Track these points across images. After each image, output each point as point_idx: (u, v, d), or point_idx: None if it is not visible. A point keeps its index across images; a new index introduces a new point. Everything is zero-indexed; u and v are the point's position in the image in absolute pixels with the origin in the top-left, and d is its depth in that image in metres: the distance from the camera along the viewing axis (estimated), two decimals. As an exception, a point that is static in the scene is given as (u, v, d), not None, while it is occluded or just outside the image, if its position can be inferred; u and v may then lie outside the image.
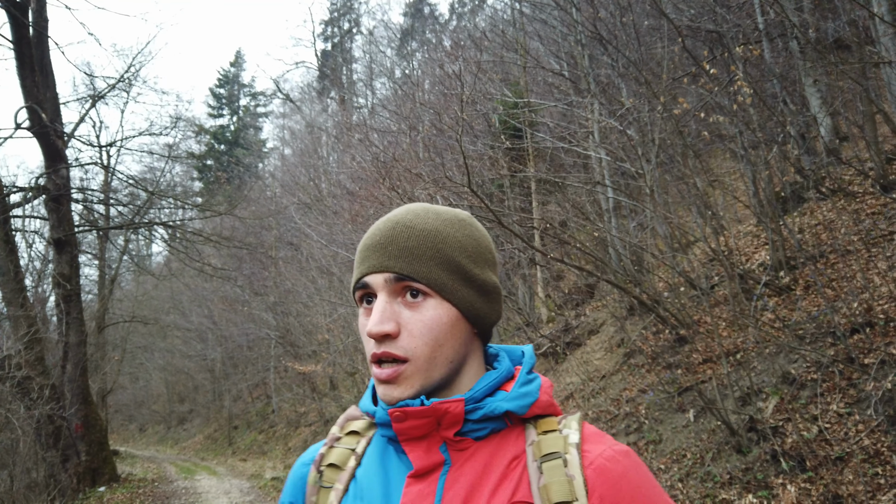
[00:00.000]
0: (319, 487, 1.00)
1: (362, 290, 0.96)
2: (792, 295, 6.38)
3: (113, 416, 31.42)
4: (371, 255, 0.95)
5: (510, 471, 0.90)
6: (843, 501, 3.87)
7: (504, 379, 0.98)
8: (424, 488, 0.89)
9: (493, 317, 1.01)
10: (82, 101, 17.10)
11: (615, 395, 7.29)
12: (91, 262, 23.02)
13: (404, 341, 0.91)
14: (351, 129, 17.42)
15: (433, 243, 0.96)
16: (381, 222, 0.99)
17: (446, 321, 0.94)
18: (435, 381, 0.93)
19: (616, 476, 0.88)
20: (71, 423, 11.84)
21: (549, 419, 0.96)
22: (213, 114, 47.94)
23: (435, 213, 1.00)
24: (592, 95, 8.73)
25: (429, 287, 0.94)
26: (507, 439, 0.94)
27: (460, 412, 0.90)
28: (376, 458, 0.98)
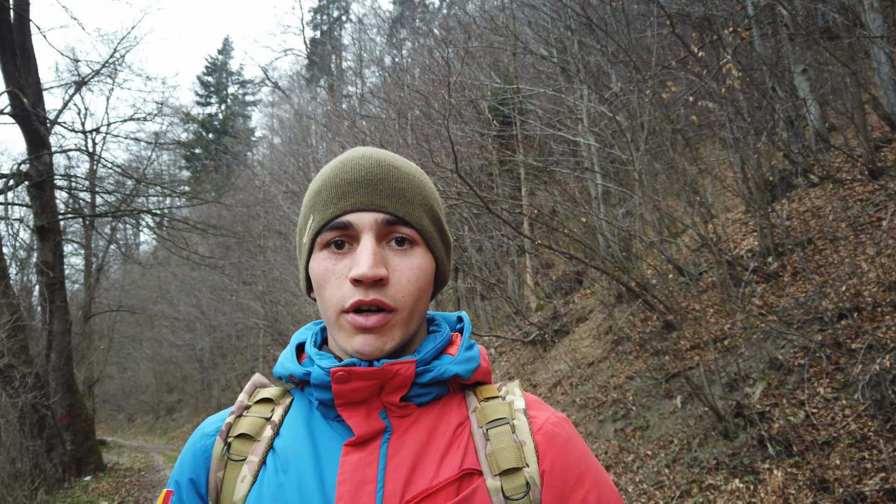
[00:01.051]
0: (228, 461, 0.88)
1: (337, 232, 0.85)
2: (780, 281, 6.36)
3: (101, 406, 31.26)
4: (356, 190, 0.85)
5: (456, 437, 0.85)
6: (830, 486, 3.86)
7: (447, 344, 0.92)
8: (365, 457, 0.82)
9: (448, 277, 0.97)
10: (66, 87, 16.87)
11: (603, 382, 7.27)
12: (77, 251, 22.80)
13: (393, 289, 0.83)
14: (340, 117, 17.28)
15: (419, 189, 0.90)
16: (356, 157, 0.89)
17: (430, 272, 0.89)
18: (410, 334, 0.87)
19: (564, 441, 0.85)
20: (56, 412, 11.72)
21: (488, 386, 0.92)
22: (200, 102, 47.51)
23: (404, 159, 0.94)
24: (582, 81, 8.66)
25: (420, 234, 0.87)
26: (448, 406, 0.88)
27: (410, 375, 0.84)
28: (300, 427, 0.88)
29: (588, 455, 0.86)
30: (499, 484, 0.80)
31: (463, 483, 0.80)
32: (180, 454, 0.95)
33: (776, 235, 6.97)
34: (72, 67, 25.01)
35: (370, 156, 0.88)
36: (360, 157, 0.88)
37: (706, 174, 9.53)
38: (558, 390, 7.94)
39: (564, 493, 0.81)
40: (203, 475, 0.90)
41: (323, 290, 0.85)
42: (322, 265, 0.86)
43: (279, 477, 0.84)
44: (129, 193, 16.84)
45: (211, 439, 0.92)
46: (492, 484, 0.80)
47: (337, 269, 0.85)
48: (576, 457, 0.84)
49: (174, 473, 0.93)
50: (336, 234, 0.85)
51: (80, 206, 17.01)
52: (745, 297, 6.26)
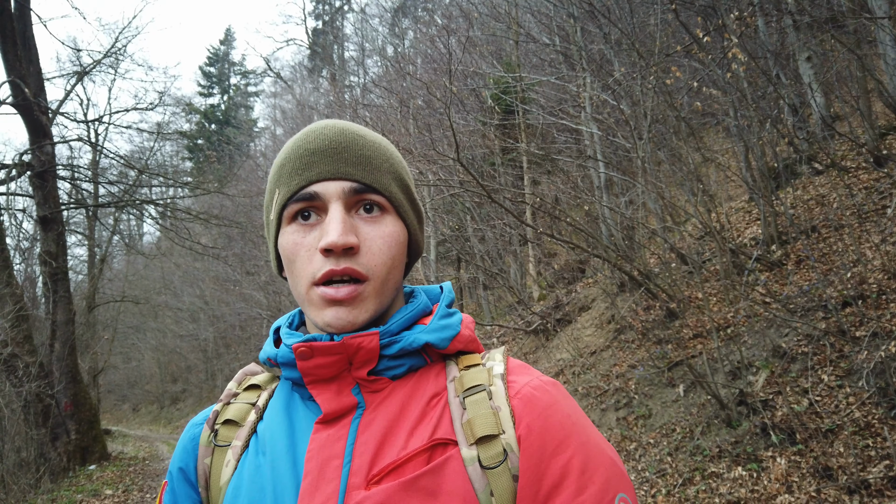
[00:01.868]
0: (214, 447, 0.88)
1: (303, 203, 0.83)
2: (783, 269, 6.33)
3: (105, 396, 31.39)
4: (320, 160, 0.83)
5: (430, 408, 0.81)
6: (834, 473, 3.84)
7: (421, 313, 0.89)
8: (335, 433, 0.80)
9: (421, 248, 0.94)
10: (68, 77, 16.84)
11: (605, 371, 7.26)
12: (81, 242, 22.83)
13: (365, 258, 0.81)
14: (342, 108, 17.22)
15: (385, 156, 0.87)
16: (319, 128, 0.86)
17: (402, 240, 0.86)
18: (384, 306, 0.84)
19: (544, 405, 0.80)
20: (60, 401, 11.75)
21: (472, 355, 0.89)
22: (203, 93, 47.42)
23: (368, 129, 0.91)
24: (585, 69, 8.60)
25: (388, 201, 0.85)
26: (426, 377, 0.85)
27: (374, 347, 0.81)
28: (280, 408, 0.87)
29: (575, 419, 0.80)
30: (475, 453, 0.76)
31: (434, 453, 0.77)
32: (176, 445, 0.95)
33: (780, 224, 6.94)
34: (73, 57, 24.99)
35: (333, 125, 0.86)
36: (322, 127, 0.86)
37: (709, 162, 9.48)
38: (561, 379, 7.93)
39: (543, 458, 0.76)
40: (192, 463, 0.90)
41: (293, 265, 0.83)
42: (290, 239, 0.83)
43: (258, 459, 0.83)
44: (132, 184, 16.81)
45: (199, 428, 0.92)
46: (467, 453, 0.77)
47: (306, 241, 0.82)
48: (557, 420, 0.79)
49: (170, 464, 0.93)
50: (302, 205, 0.83)
51: (83, 196, 17.01)
52: (748, 286, 6.23)
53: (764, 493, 4.01)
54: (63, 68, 27.28)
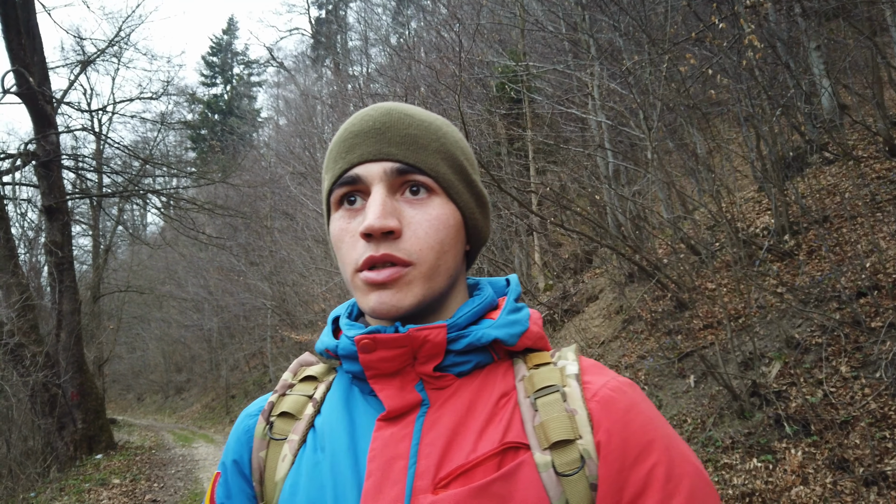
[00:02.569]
0: (269, 440, 0.85)
1: (347, 188, 0.79)
2: (795, 259, 6.28)
3: (110, 385, 31.50)
4: (363, 141, 0.79)
5: (499, 409, 0.77)
6: (850, 465, 3.81)
7: (488, 307, 0.84)
8: (398, 431, 0.75)
9: (485, 234, 0.89)
10: (71, 67, 16.76)
11: (614, 362, 7.23)
12: (85, 232, 22.85)
13: (408, 242, 0.76)
14: (346, 98, 17.15)
15: (436, 135, 0.82)
16: (366, 110, 0.82)
17: (453, 223, 0.81)
18: (436, 292, 0.79)
19: (624, 408, 0.75)
20: (66, 391, 11.78)
21: (541, 353, 0.84)
22: (206, 83, 47.28)
23: (424, 110, 0.86)
24: (594, 58, 8.52)
25: (436, 182, 0.80)
26: (493, 375, 0.80)
27: (441, 341, 0.77)
28: (339, 403, 0.83)
29: (657, 423, 0.76)
30: (549, 459, 0.71)
31: (506, 457, 0.73)
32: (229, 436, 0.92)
33: (791, 213, 6.88)
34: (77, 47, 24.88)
35: (381, 106, 0.82)
36: (370, 109, 0.82)
37: (719, 151, 9.41)
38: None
39: (624, 466, 0.71)
40: (246, 456, 0.87)
41: (340, 252, 0.80)
42: (337, 225, 0.81)
43: (316, 455, 0.80)
44: (136, 174, 16.78)
45: (254, 419, 0.89)
46: (541, 459, 0.72)
47: (351, 227, 0.79)
48: (639, 425, 0.74)
49: (223, 455, 0.90)
50: (346, 189, 0.79)
51: (88, 186, 17.01)
52: (760, 276, 6.18)
53: (779, 484, 3.98)
54: (67, 57, 27.26)
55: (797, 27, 8.73)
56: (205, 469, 10.76)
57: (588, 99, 9.09)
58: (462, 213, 0.83)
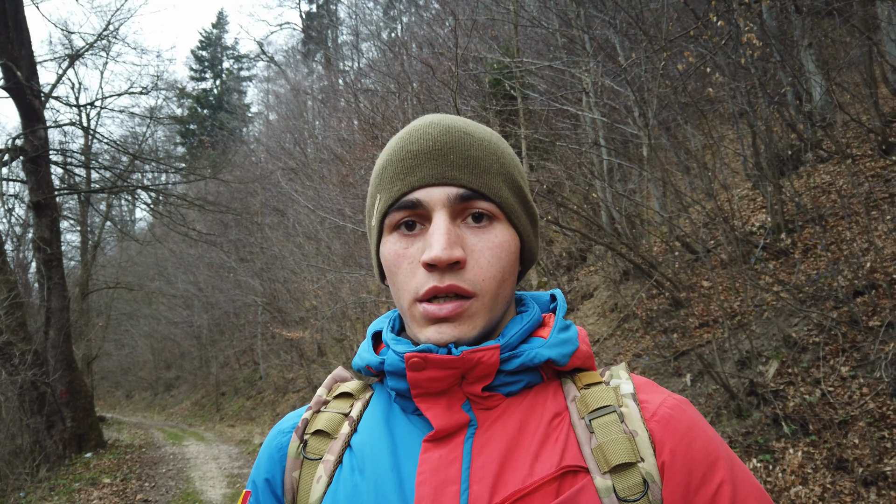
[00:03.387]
0: (304, 459, 0.81)
1: (406, 213, 0.75)
2: (791, 258, 6.29)
3: (99, 382, 31.25)
4: (423, 163, 0.75)
5: (552, 430, 0.73)
6: (849, 465, 3.81)
7: (536, 325, 0.81)
8: (447, 454, 0.71)
9: (536, 253, 0.85)
10: (59, 61, 16.55)
11: (609, 360, 7.22)
12: (73, 228, 22.64)
13: (472, 273, 0.73)
14: (337, 93, 17.05)
15: (496, 155, 0.78)
16: (423, 126, 0.78)
17: (514, 250, 0.78)
18: (495, 321, 0.76)
19: (685, 427, 0.72)
20: (55, 389, 11.65)
21: (590, 373, 0.80)
22: (195, 77, 46.89)
23: (478, 124, 0.82)
24: (589, 55, 8.49)
25: (500, 208, 0.76)
26: (542, 395, 0.77)
27: (495, 363, 0.73)
28: (378, 422, 0.79)
29: (718, 442, 0.73)
30: (610, 483, 0.68)
31: (564, 482, 0.69)
32: (259, 452, 0.88)
33: (787, 211, 6.88)
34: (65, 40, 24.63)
35: (438, 123, 0.78)
36: (427, 126, 0.78)
37: (714, 149, 9.41)
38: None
39: (690, 488, 0.69)
40: (279, 475, 0.83)
41: (395, 277, 0.76)
42: (392, 249, 0.77)
43: (355, 477, 0.75)
44: (125, 169, 16.63)
45: (287, 436, 0.85)
46: (601, 483, 0.68)
47: (409, 253, 0.75)
48: (702, 444, 0.71)
49: (252, 473, 0.86)
50: (405, 213, 0.76)
51: (76, 181, 16.82)
52: (756, 274, 6.18)
53: (778, 484, 3.97)
54: (55, 51, 26.95)
55: (790, 25, 8.73)
56: (196, 468, 10.68)
57: (583, 95, 9.06)
58: (520, 236, 0.80)
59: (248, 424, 17.53)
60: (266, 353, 21.88)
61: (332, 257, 15.01)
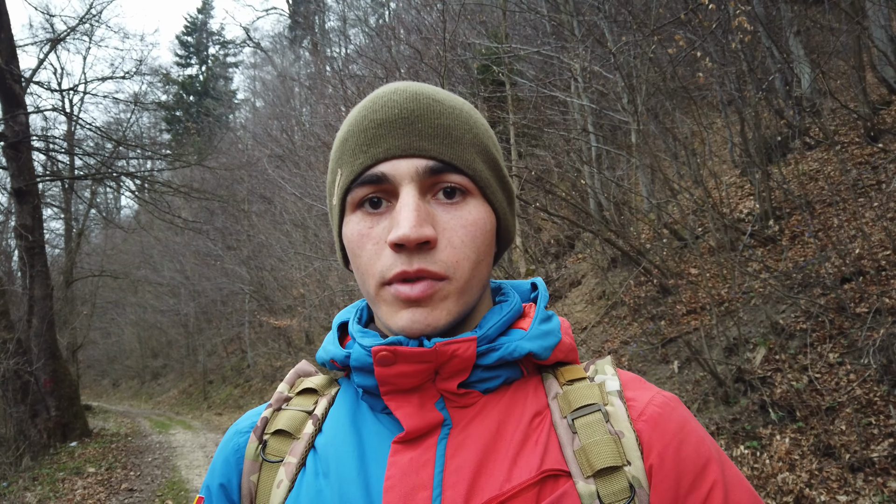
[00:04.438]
0: (263, 462, 0.74)
1: (370, 188, 0.68)
2: (779, 245, 6.29)
3: (85, 371, 31.05)
4: (388, 133, 0.67)
5: (532, 431, 0.67)
6: (836, 451, 3.81)
7: (516, 316, 0.74)
8: (418, 457, 0.66)
9: (513, 233, 0.78)
10: (41, 45, 16.29)
11: (597, 348, 7.21)
12: (57, 215, 22.36)
13: (443, 253, 0.66)
14: (324, 79, 16.87)
15: (469, 126, 0.71)
16: (387, 93, 0.70)
17: (490, 229, 0.71)
18: (469, 307, 0.70)
19: (675, 427, 0.67)
20: (39, 378, 11.52)
21: (573, 367, 0.74)
22: (180, 63, 46.30)
23: (447, 92, 0.74)
24: (579, 40, 8.42)
25: (474, 182, 0.69)
26: (522, 392, 0.71)
27: (471, 356, 0.67)
28: (345, 421, 0.73)
29: (709, 443, 0.68)
30: (593, 488, 0.63)
31: (545, 488, 0.64)
32: (214, 455, 0.81)
33: (774, 198, 6.88)
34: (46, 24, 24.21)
35: (404, 89, 0.70)
36: (391, 92, 0.70)
37: (702, 136, 9.39)
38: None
39: (679, 494, 0.63)
40: (235, 479, 0.76)
41: (359, 260, 0.69)
42: (356, 229, 0.69)
43: (319, 482, 0.69)
44: (109, 156, 16.38)
45: (244, 437, 0.78)
46: (584, 488, 0.63)
47: (374, 233, 0.68)
48: (693, 446, 0.66)
49: (206, 477, 0.79)
50: (369, 189, 0.68)
51: (59, 168, 16.58)
52: (744, 261, 6.18)
53: (765, 471, 3.97)
54: (36, 35, 26.51)
55: (779, 12, 8.71)
56: (182, 456, 10.62)
57: (571, 82, 9.00)
58: (496, 213, 0.74)
59: (235, 413, 17.48)
60: (254, 342, 21.79)
61: (319, 245, 14.93)
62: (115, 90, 54.12)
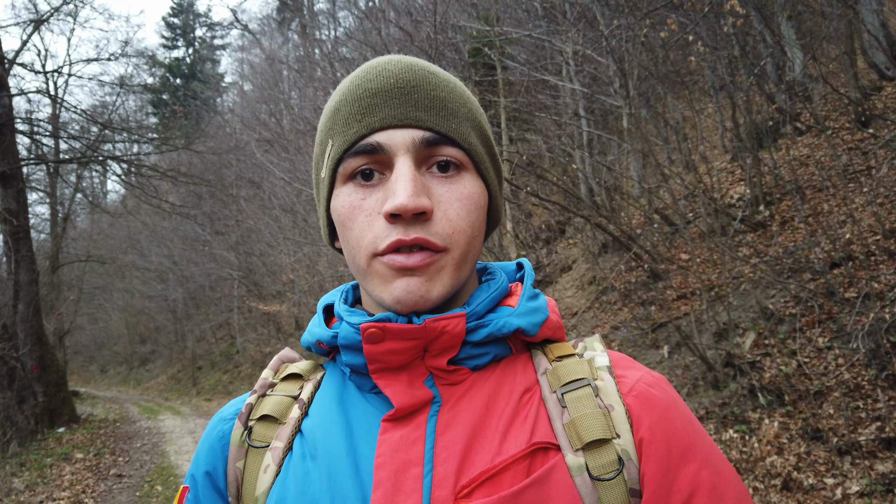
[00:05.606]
0: (249, 448, 0.73)
1: (365, 158, 0.66)
2: (769, 230, 6.30)
3: (72, 357, 30.86)
4: (384, 102, 0.66)
5: (523, 406, 0.67)
6: (824, 435, 3.83)
7: (503, 294, 0.74)
8: (409, 434, 0.65)
9: (500, 213, 0.78)
10: (24, 26, 15.95)
11: (587, 333, 7.22)
12: (42, 200, 22.07)
13: (439, 225, 0.65)
14: (313, 63, 16.71)
15: (462, 99, 0.70)
16: (381, 63, 0.69)
17: (483, 205, 0.70)
18: (462, 282, 0.69)
19: (665, 405, 0.66)
20: (25, 363, 11.44)
21: (561, 344, 0.74)
22: (167, 45, 45.69)
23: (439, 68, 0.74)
24: (571, 23, 8.36)
25: (468, 156, 0.68)
26: (511, 369, 0.70)
27: (460, 332, 0.66)
28: (332, 403, 0.72)
29: (696, 424, 0.68)
30: (582, 461, 0.63)
31: (535, 460, 0.63)
32: (198, 444, 0.79)
33: (765, 184, 6.89)
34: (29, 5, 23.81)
35: (399, 60, 0.69)
36: (386, 62, 0.69)
37: (692, 121, 9.38)
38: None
39: (670, 467, 0.63)
40: (220, 466, 0.74)
41: (349, 233, 0.67)
42: (347, 201, 0.68)
43: (306, 464, 0.68)
44: (95, 139, 16.16)
45: (229, 424, 0.76)
46: (573, 461, 0.63)
47: (366, 204, 0.66)
48: (681, 424, 0.66)
49: (191, 466, 0.78)
50: (363, 160, 0.66)
51: (44, 152, 16.35)
52: (734, 247, 6.19)
53: (753, 454, 3.99)
54: (18, 16, 26.06)
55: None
56: (171, 442, 10.59)
57: (563, 65, 8.95)
58: (489, 189, 0.73)
59: (224, 398, 17.45)
60: (243, 327, 21.73)
61: (308, 230, 14.85)
62: (101, 72, 53.38)
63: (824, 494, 3.49)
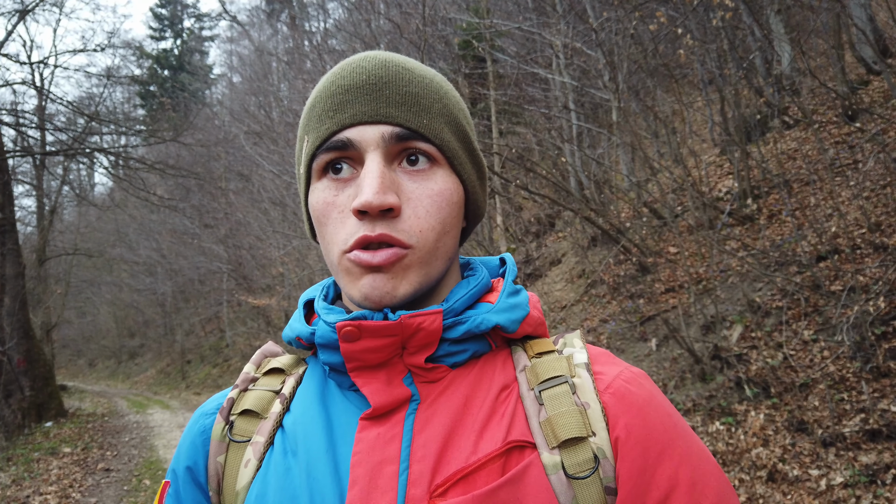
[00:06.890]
0: (230, 442, 0.73)
1: (335, 153, 0.67)
2: (756, 223, 6.33)
3: (60, 351, 30.68)
4: (356, 98, 0.67)
5: (499, 404, 0.67)
6: (809, 427, 3.87)
7: (484, 290, 0.74)
8: (385, 432, 0.65)
9: (483, 209, 0.78)
10: (8, 16, 15.76)
11: (576, 326, 7.25)
12: (29, 192, 21.90)
13: (408, 222, 0.65)
14: (303, 54, 16.61)
15: (438, 94, 0.70)
16: (356, 60, 0.69)
17: (456, 200, 0.70)
18: (433, 279, 0.68)
19: (642, 402, 0.66)
20: (12, 357, 11.35)
21: (542, 340, 0.73)
22: (154, 36, 45.26)
23: (419, 63, 0.73)
24: (561, 16, 8.35)
25: (440, 151, 0.68)
26: (490, 366, 0.70)
27: (437, 328, 0.66)
28: (312, 399, 0.72)
29: (675, 419, 0.67)
30: (558, 459, 0.62)
31: (510, 458, 0.63)
32: (180, 439, 0.79)
33: (753, 177, 6.92)
34: (13, -5, 23.44)
35: (374, 57, 0.69)
36: (361, 59, 0.69)
37: (681, 114, 9.40)
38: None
39: (647, 465, 0.63)
40: (201, 461, 0.74)
41: (324, 229, 0.68)
42: (321, 197, 0.68)
43: (287, 460, 0.68)
44: (82, 131, 16.00)
45: (210, 419, 0.76)
46: (549, 459, 0.63)
47: (339, 200, 0.67)
48: (659, 421, 0.65)
49: (172, 462, 0.78)
50: (334, 154, 0.67)
51: (30, 144, 16.20)
52: (721, 240, 6.22)
53: (739, 446, 4.02)
54: (3, 5, 25.73)
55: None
56: (160, 436, 10.55)
57: (553, 58, 8.94)
58: (464, 186, 0.73)
59: (214, 392, 17.40)
60: (232, 321, 21.65)
61: (298, 223, 14.79)
62: (87, 64, 52.91)
63: (809, 486, 3.53)
